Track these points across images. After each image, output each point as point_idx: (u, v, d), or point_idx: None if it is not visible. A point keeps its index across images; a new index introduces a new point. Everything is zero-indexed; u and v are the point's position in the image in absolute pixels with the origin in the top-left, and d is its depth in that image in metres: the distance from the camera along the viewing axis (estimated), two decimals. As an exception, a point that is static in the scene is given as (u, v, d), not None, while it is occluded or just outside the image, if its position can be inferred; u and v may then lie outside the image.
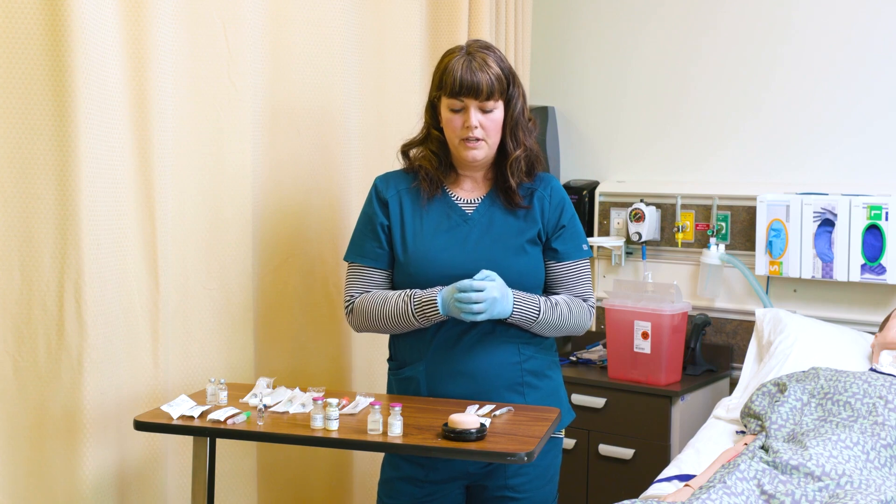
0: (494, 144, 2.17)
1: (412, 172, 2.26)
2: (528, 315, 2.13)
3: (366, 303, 2.19)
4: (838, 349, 2.86)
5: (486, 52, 2.14)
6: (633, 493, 2.67)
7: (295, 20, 2.68)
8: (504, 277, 2.12)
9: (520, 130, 2.18)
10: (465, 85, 2.10)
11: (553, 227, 2.22)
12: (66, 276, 2.14)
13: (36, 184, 2.11)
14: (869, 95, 3.12)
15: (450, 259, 2.15)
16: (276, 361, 2.68)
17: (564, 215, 2.24)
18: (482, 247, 2.16)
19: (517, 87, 2.17)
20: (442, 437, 1.89)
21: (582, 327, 2.25)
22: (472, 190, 2.24)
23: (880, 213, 2.94)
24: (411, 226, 2.21)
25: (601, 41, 3.65)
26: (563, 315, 2.18)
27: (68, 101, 2.10)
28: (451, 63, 2.13)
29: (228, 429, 1.98)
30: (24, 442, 2.15)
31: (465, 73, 2.10)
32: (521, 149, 2.18)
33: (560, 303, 2.19)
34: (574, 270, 2.24)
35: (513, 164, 2.18)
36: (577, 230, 2.26)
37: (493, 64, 2.12)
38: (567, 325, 2.20)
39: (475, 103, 2.11)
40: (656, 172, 3.54)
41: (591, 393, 3.15)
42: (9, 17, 2.07)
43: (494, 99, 2.12)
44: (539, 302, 2.15)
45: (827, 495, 2.01)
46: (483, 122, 2.12)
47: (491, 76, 2.10)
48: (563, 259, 2.23)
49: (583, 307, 2.24)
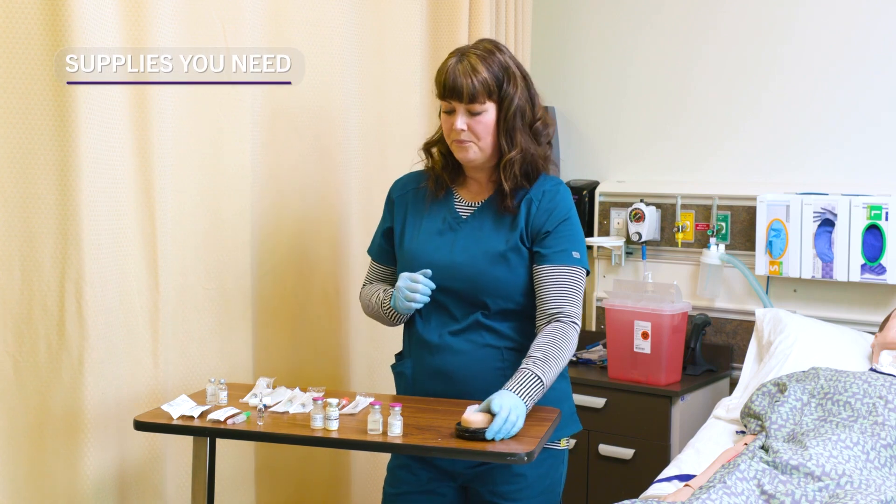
0: (487, 146, 2.13)
1: (428, 171, 2.26)
2: (535, 389, 2.00)
3: (364, 294, 2.33)
4: (838, 349, 2.86)
5: (479, 54, 2.11)
6: (633, 493, 2.67)
7: (295, 20, 2.67)
8: (482, 285, 2.11)
9: (517, 132, 2.12)
10: (448, 88, 2.09)
11: (537, 232, 2.13)
12: (67, 276, 2.14)
13: (36, 184, 2.11)
14: (869, 95, 3.12)
15: (435, 262, 2.15)
16: (276, 361, 2.68)
17: (552, 220, 2.13)
18: (466, 252, 2.15)
19: (515, 87, 2.11)
20: (455, 435, 1.89)
21: (574, 347, 2.10)
22: (477, 193, 2.22)
23: (880, 213, 2.94)
24: (411, 226, 2.22)
25: (601, 41, 3.65)
26: (551, 354, 2.04)
27: (68, 101, 2.10)
28: (444, 65, 2.13)
29: (228, 429, 1.98)
30: (25, 442, 2.15)
31: (449, 77, 2.09)
32: (517, 150, 2.12)
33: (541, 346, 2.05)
34: (557, 276, 2.10)
35: (506, 165, 2.13)
36: (568, 236, 2.14)
37: (481, 68, 2.08)
38: (565, 359, 2.07)
39: (461, 106, 2.10)
40: (656, 172, 3.54)
41: (591, 393, 3.16)
42: (9, 17, 2.07)
43: (480, 102, 2.08)
44: (530, 369, 2.01)
45: (827, 495, 2.01)
46: (471, 125, 2.10)
47: (475, 80, 2.07)
48: (545, 262, 2.11)
49: (566, 331, 2.07)
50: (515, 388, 1.97)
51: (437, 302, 2.16)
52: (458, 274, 2.13)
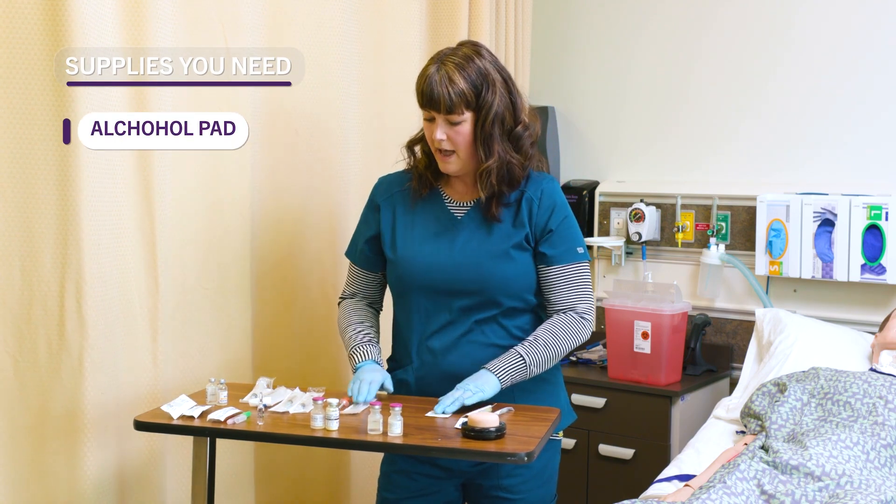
0: (467, 156, 2.11)
1: (411, 171, 2.25)
2: (516, 369, 2.07)
3: (342, 314, 2.29)
4: (838, 349, 2.86)
5: (458, 62, 2.06)
6: (633, 493, 2.67)
7: (295, 21, 2.68)
8: (489, 283, 2.12)
9: (494, 141, 2.09)
10: (426, 97, 2.07)
11: (541, 231, 2.15)
12: (67, 276, 2.14)
13: (36, 184, 2.12)
14: (869, 95, 3.12)
15: (437, 263, 2.14)
16: (276, 361, 2.69)
17: (554, 218, 2.15)
18: (468, 252, 2.14)
19: (494, 94, 2.07)
20: (461, 435, 1.90)
21: (579, 341, 2.16)
22: (465, 192, 2.21)
23: (880, 213, 2.94)
24: (402, 229, 2.20)
25: (601, 41, 3.65)
26: (549, 346, 2.10)
27: (68, 102, 2.10)
28: (424, 72, 2.09)
29: (228, 429, 1.98)
30: (25, 442, 2.15)
31: (426, 86, 2.06)
32: (493, 159, 2.09)
33: (540, 336, 2.11)
34: (566, 275, 2.16)
35: (482, 174, 2.11)
36: (570, 233, 2.17)
37: (458, 78, 2.04)
38: (562, 351, 2.13)
39: (439, 116, 2.08)
40: (656, 172, 3.54)
41: (591, 393, 3.16)
42: (9, 18, 2.07)
43: (458, 113, 2.06)
44: (518, 351, 2.08)
45: (827, 495, 2.01)
46: (450, 135, 2.08)
47: (451, 92, 2.04)
48: (553, 263, 2.15)
49: (571, 322, 2.14)
50: (496, 366, 2.07)
51: (439, 304, 2.15)
52: (463, 274, 2.12)
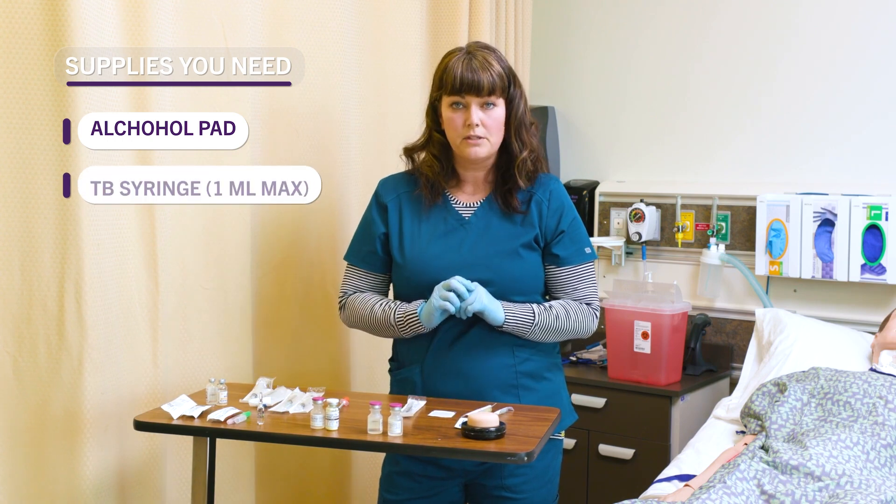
0: (496, 143, 2.17)
1: (415, 175, 2.26)
2: (522, 321, 2.13)
3: (355, 305, 2.25)
4: (838, 349, 2.86)
5: (486, 51, 2.16)
6: (633, 493, 2.67)
7: (295, 21, 2.67)
8: (500, 282, 2.13)
9: (524, 131, 2.18)
10: (465, 82, 2.11)
11: (552, 233, 2.20)
12: (67, 276, 2.14)
13: (36, 184, 2.11)
14: (869, 95, 3.12)
15: (446, 263, 2.15)
16: (276, 361, 2.68)
17: (564, 219, 2.21)
18: (478, 251, 2.17)
19: (518, 88, 2.18)
20: (461, 435, 1.90)
21: (586, 331, 2.22)
22: (473, 193, 2.24)
23: (880, 213, 2.94)
24: (410, 231, 2.21)
25: (601, 41, 3.65)
26: (560, 319, 2.16)
27: (68, 102, 2.10)
28: (451, 62, 2.14)
29: (228, 429, 1.98)
30: (25, 442, 2.15)
31: (465, 71, 2.11)
32: (528, 150, 2.18)
33: (556, 307, 2.18)
34: (577, 275, 2.22)
35: (520, 165, 2.17)
36: (579, 234, 2.24)
37: (494, 62, 2.13)
38: (568, 329, 2.18)
39: (476, 100, 2.11)
40: (656, 172, 3.54)
41: (591, 393, 3.15)
42: (9, 18, 2.07)
43: (496, 96, 2.12)
44: (533, 308, 2.15)
45: (827, 495, 2.01)
46: (484, 120, 2.12)
47: (493, 73, 2.11)
48: (565, 264, 2.21)
49: (584, 311, 2.21)
50: (508, 307, 2.12)
51: None
52: (473, 273, 2.13)
